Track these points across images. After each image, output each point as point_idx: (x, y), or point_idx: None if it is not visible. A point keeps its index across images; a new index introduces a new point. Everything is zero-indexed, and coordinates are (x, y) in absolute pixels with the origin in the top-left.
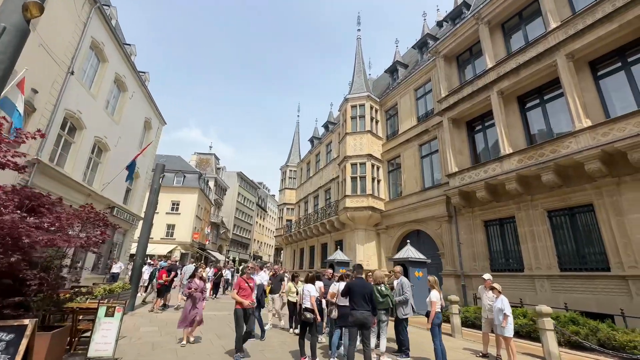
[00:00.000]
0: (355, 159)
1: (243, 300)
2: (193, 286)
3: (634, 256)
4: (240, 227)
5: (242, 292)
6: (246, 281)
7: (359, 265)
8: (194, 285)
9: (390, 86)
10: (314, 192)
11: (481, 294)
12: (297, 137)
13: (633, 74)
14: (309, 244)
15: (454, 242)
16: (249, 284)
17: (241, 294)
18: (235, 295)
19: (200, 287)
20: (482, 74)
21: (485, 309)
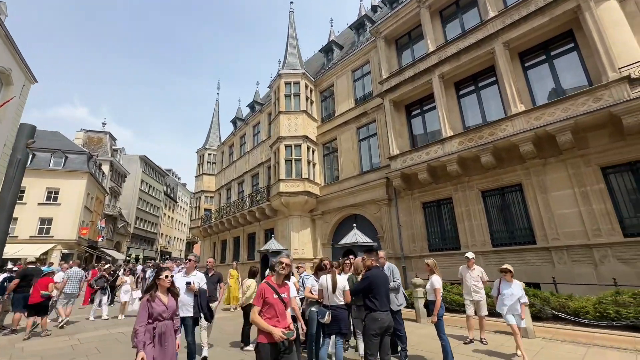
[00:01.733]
0: (290, 140)
1: (272, 329)
2: None
3: (556, 229)
4: (145, 220)
5: (269, 310)
6: (275, 289)
7: (371, 248)
8: None
9: (325, 66)
10: (238, 177)
11: (463, 275)
12: (217, 118)
13: (555, 67)
14: (232, 234)
15: (393, 225)
16: (280, 296)
17: (267, 315)
18: (258, 318)
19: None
20: (424, 57)
21: (470, 291)
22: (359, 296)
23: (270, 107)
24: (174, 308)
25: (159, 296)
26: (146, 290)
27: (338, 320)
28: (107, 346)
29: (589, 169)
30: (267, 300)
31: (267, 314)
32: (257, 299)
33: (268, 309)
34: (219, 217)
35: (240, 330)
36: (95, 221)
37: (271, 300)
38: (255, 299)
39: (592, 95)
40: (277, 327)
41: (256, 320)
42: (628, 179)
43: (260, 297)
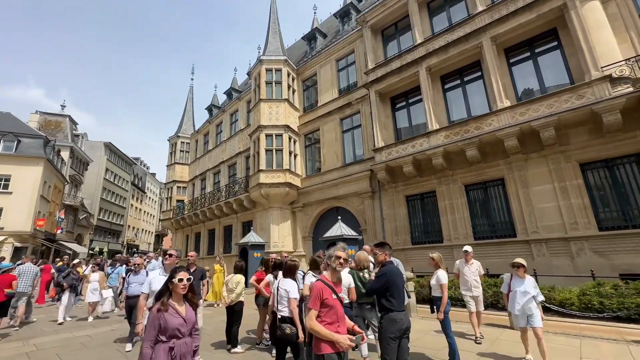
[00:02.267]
0: (271, 129)
1: (338, 336)
2: None
3: (535, 223)
4: (110, 211)
5: (329, 314)
6: (333, 289)
7: (385, 243)
8: None
9: (308, 55)
10: (214, 167)
11: (461, 269)
12: (191, 104)
13: (539, 64)
14: (207, 227)
15: (376, 218)
16: (338, 296)
17: (327, 320)
18: (318, 325)
19: None
20: (411, 48)
21: (471, 286)
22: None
23: (250, 95)
24: (193, 320)
25: (173, 305)
26: (157, 297)
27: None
28: (71, 352)
29: (568, 164)
30: (327, 302)
31: (326, 319)
32: (313, 301)
33: (328, 312)
34: (193, 209)
35: (220, 330)
36: (53, 212)
37: (331, 301)
38: (312, 302)
39: (575, 92)
40: (339, 334)
41: (316, 327)
42: (604, 175)
43: (318, 298)
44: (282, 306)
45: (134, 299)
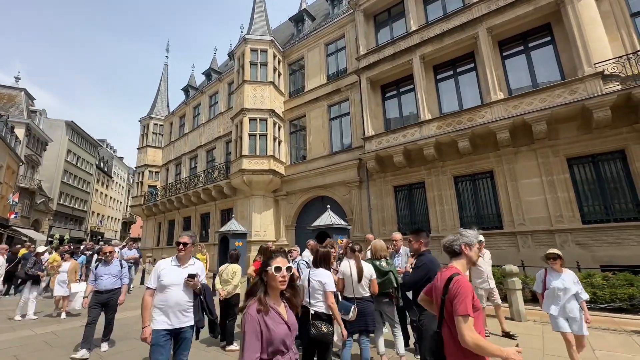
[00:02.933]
0: (255, 113)
1: (508, 350)
2: None
3: (522, 215)
4: (72, 195)
5: (477, 322)
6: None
7: (421, 230)
8: None
9: (295, 37)
10: (190, 152)
11: None
12: (166, 84)
13: (532, 58)
14: (182, 214)
15: (363, 208)
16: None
17: (476, 328)
18: (482, 340)
19: None
20: (405, 35)
21: (487, 278)
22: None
23: (231, 76)
24: (296, 327)
25: (273, 307)
26: (248, 294)
27: (364, 315)
28: (32, 353)
29: (556, 159)
30: (475, 304)
31: (475, 327)
32: (467, 304)
33: (477, 318)
34: (167, 195)
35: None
36: (5, 195)
37: (478, 304)
38: (466, 305)
39: (568, 87)
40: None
41: (482, 343)
42: (589, 170)
43: (471, 299)
44: (315, 300)
45: (106, 294)
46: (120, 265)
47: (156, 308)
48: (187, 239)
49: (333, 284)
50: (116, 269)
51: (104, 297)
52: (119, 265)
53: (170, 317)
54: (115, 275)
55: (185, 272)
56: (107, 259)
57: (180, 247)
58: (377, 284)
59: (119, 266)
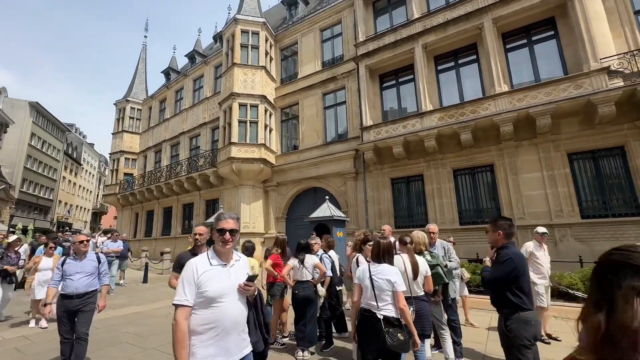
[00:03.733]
0: (246, 98)
1: None
2: None
3: (522, 209)
4: (36, 183)
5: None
6: None
7: (501, 218)
8: None
9: (287, 21)
10: (172, 138)
11: (535, 252)
12: (144, 66)
13: (535, 52)
14: (162, 204)
15: (359, 200)
16: None
17: None
18: None
19: None
20: (407, 23)
21: (547, 275)
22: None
23: (219, 59)
24: None
25: None
26: None
27: (421, 317)
28: None
29: (557, 153)
30: None
31: None
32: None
33: None
34: (146, 183)
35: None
36: None
37: None
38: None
39: (574, 82)
40: None
41: None
42: (589, 165)
43: None
44: (383, 303)
45: (78, 300)
46: (98, 260)
47: (198, 336)
48: (234, 223)
49: (403, 282)
50: (92, 265)
51: (75, 304)
52: (95, 260)
53: (226, 345)
54: (90, 273)
55: (234, 273)
56: (78, 252)
57: (226, 236)
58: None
59: (95, 261)
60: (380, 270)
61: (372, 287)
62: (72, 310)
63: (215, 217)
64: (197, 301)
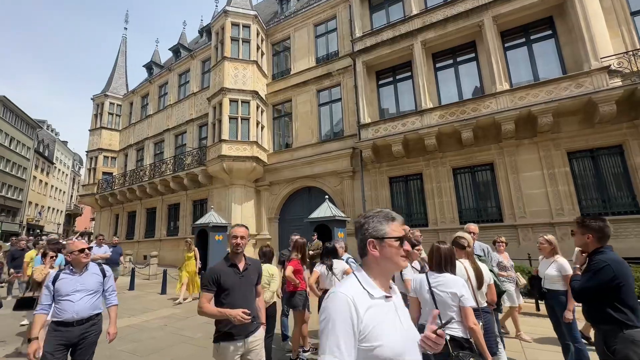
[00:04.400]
0: (237, 94)
1: None
2: None
3: (523, 208)
4: (3, 182)
5: None
6: None
7: (597, 218)
8: None
9: (278, 15)
10: (155, 136)
11: None
12: (124, 59)
13: (533, 51)
14: (145, 205)
15: (356, 199)
16: None
17: None
18: None
19: None
20: (406, 19)
21: None
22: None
23: (206, 53)
24: None
25: None
26: None
27: (488, 333)
28: None
29: (557, 152)
30: None
31: None
32: None
33: None
34: (130, 183)
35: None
36: None
37: None
38: None
39: (575, 81)
40: None
41: None
42: (588, 164)
43: None
44: (453, 323)
45: (79, 327)
46: (103, 273)
47: None
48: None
49: (471, 295)
50: (95, 280)
51: (76, 334)
52: (99, 273)
53: None
54: (94, 291)
55: (404, 314)
56: (76, 264)
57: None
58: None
59: (99, 274)
60: (442, 281)
61: (433, 301)
62: (71, 342)
63: (207, 216)
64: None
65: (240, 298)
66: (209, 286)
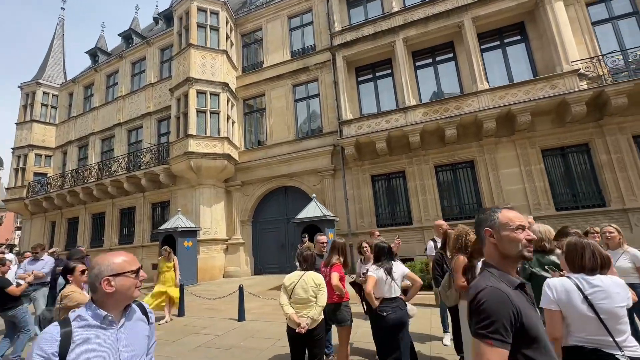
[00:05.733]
0: (205, 85)
1: None
2: None
3: (503, 203)
4: None
5: None
6: None
7: None
8: None
9: (248, 5)
10: (103, 131)
11: None
12: (61, 44)
13: (507, 54)
14: (91, 210)
15: (338, 199)
16: None
17: None
18: None
19: None
20: (387, 15)
21: None
22: None
23: (166, 40)
24: None
25: None
26: None
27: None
28: None
29: (532, 150)
30: None
31: None
32: None
33: None
34: (69, 185)
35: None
36: None
37: None
38: None
39: (549, 82)
40: None
41: None
42: (559, 161)
43: None
44: (623, 336)
45: None
46: (147, 317)
47: None
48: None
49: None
50: (143, 334)
51: None
52: (144, 319)
53: None
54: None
55: None
56: (121, 299)
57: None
58: None
59: (144, 321)
60: (601, 286)
61: (595, 314)
62: None
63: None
64: None
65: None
66: (503, 335)
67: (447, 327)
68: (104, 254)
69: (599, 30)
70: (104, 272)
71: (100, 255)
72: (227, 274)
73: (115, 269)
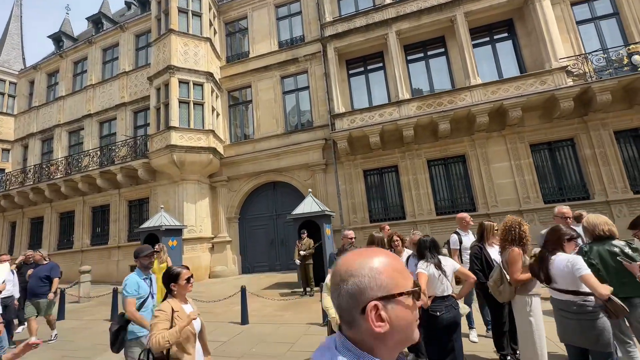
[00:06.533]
0: (188, 74)
1: None
2: None
3: (495, 197)
4: None
5: None
6: None
7: None
8: None
9: None
10: (70, 123)
11: None
12: (18, 26)
13: (497, 50)
14: (58, 209)
15: (329, 194)
16: None
17: None
18: None
19: None
20: (379, 7)
21: None
22: None
23: (143, 26)
24: None
25: None
26: None
27: None
28: None
29: (522, 144)
30: None
31: None
32: None
33: None
34: (32, 182)
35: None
36: None
37: None
38: None
39: (539, 78)
40: None
41: None
42: (547, 156)
43: None
44: None
45: None
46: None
47: None
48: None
49: None
50: None
51: None
52: None
53: None
54: None
55: None
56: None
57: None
58: (622, 281)
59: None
60: None
61: None
62: None
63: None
64: None
65: None
66: None
67: (473, 322)
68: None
69: (582, 30)
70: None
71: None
72: (214, 274)
73: (388, 286)
